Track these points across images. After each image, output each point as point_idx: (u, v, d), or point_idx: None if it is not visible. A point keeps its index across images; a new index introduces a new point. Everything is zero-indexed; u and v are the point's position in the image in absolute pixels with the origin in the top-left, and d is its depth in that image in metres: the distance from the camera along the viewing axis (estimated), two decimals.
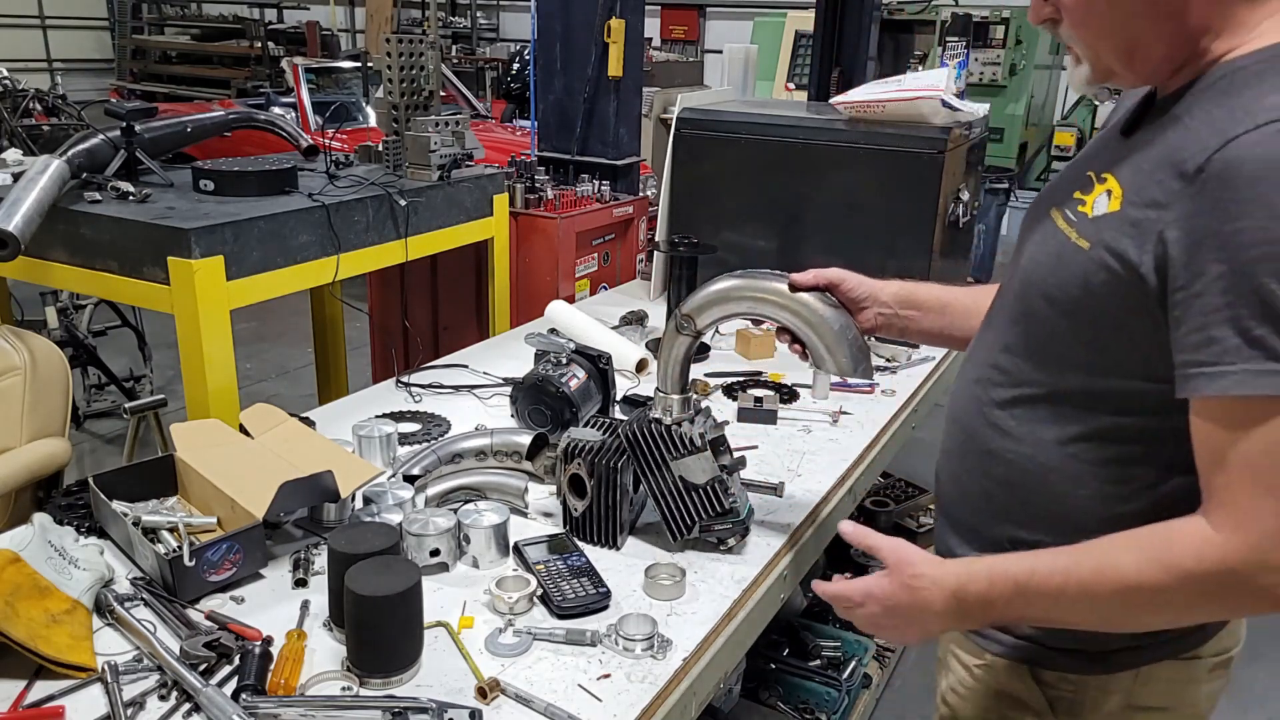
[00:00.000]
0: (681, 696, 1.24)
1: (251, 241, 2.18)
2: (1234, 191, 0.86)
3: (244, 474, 1.50)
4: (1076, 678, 1.13)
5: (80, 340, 4.21)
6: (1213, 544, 0.89)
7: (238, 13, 12.81)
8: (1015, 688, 1.17)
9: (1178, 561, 0.91)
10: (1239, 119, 0.88)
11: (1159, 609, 0.96)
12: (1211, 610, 0.95)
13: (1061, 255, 1.04)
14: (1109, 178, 1.01)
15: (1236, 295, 0.86)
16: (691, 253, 2.38)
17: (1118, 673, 1.12)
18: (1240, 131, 0.87)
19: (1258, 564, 0.87)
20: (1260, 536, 0.87)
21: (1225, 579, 0.89)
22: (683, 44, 12.30)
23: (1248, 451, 0.88)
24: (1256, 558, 0.87)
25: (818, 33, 4.62)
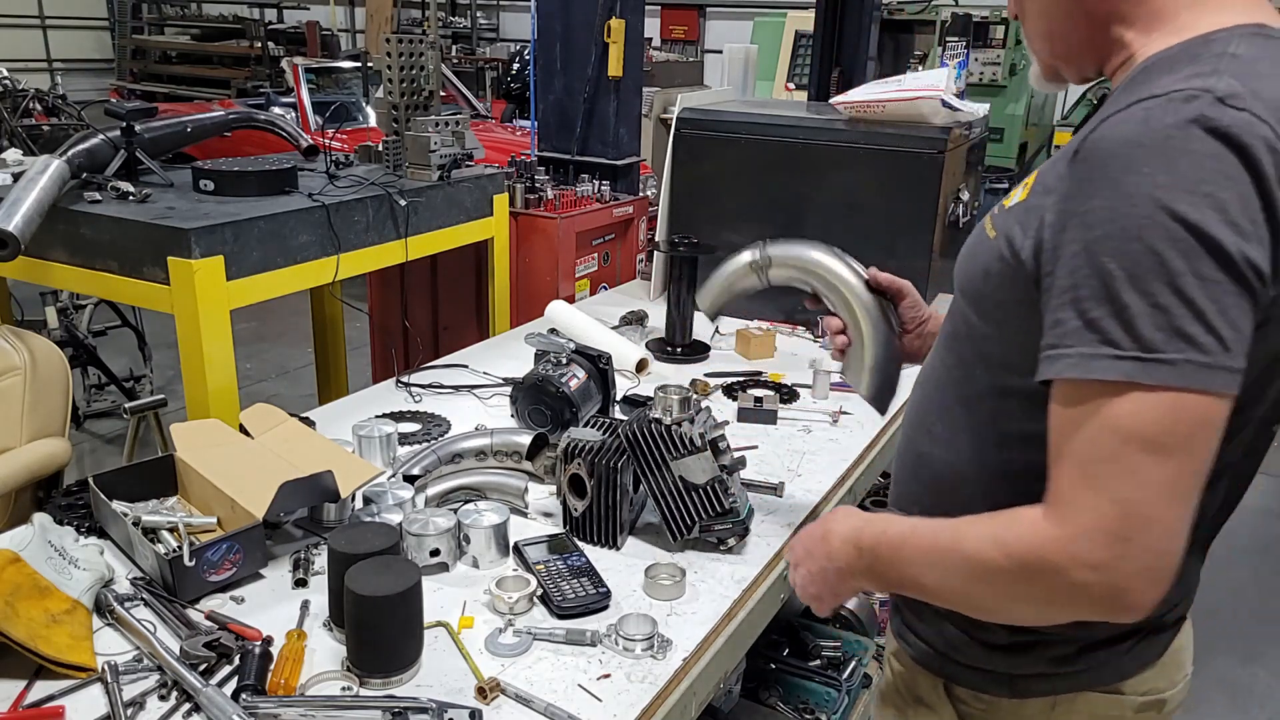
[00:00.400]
0: (681, 696, 1.24)
1: (251, 241, 2.18)
2: (1090, 171, 0.85)
3: (244, 474, 1.50)
4: (988, 698, 1.10)
5: (80, 340, 4.22)
6: (1038, 532, 0.86)
7: (238, 13, 12.81)
8: (930, 697, 1.16)
9: (1007, 543, 0.88)
10: (1120, 100, 0.87)
11: (990, 590, 0.92)
12: (1030, 599, 0.89)
13: (975, 248, 1.04)
14: (1032, 174, 1.00)
15: (1081, 277, 0.83)
16: (691, 253, 2.38)
17: (1028, 699, 1.08)
18: (1113, 112, 0.86)
19: (1070, 559, 0.83)
20: (1076, 531, 0.83)
21: (1041, 568, 0.85)
22: (683, 44, 12.29)
23: (1077, 439, 0.84)
24: (1071, 552, 0.83)
25: (818, 33, 4.63)
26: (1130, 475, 0.81)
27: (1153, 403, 0.80)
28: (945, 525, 0.96)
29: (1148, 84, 0.87)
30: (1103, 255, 0.82)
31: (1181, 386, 0.79)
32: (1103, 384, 0.82)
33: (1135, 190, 0.80)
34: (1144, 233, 0.80)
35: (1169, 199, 0.79)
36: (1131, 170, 0.81)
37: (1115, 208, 0.81)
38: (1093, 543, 0.82)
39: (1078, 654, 1.05)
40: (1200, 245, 0.78)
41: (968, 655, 1.10)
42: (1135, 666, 1.07)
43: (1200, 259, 0.78)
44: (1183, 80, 0.84)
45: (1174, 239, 0.79)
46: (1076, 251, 0.84)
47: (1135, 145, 0.82)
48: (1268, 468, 4.06)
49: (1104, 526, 0.82)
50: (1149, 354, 0.79)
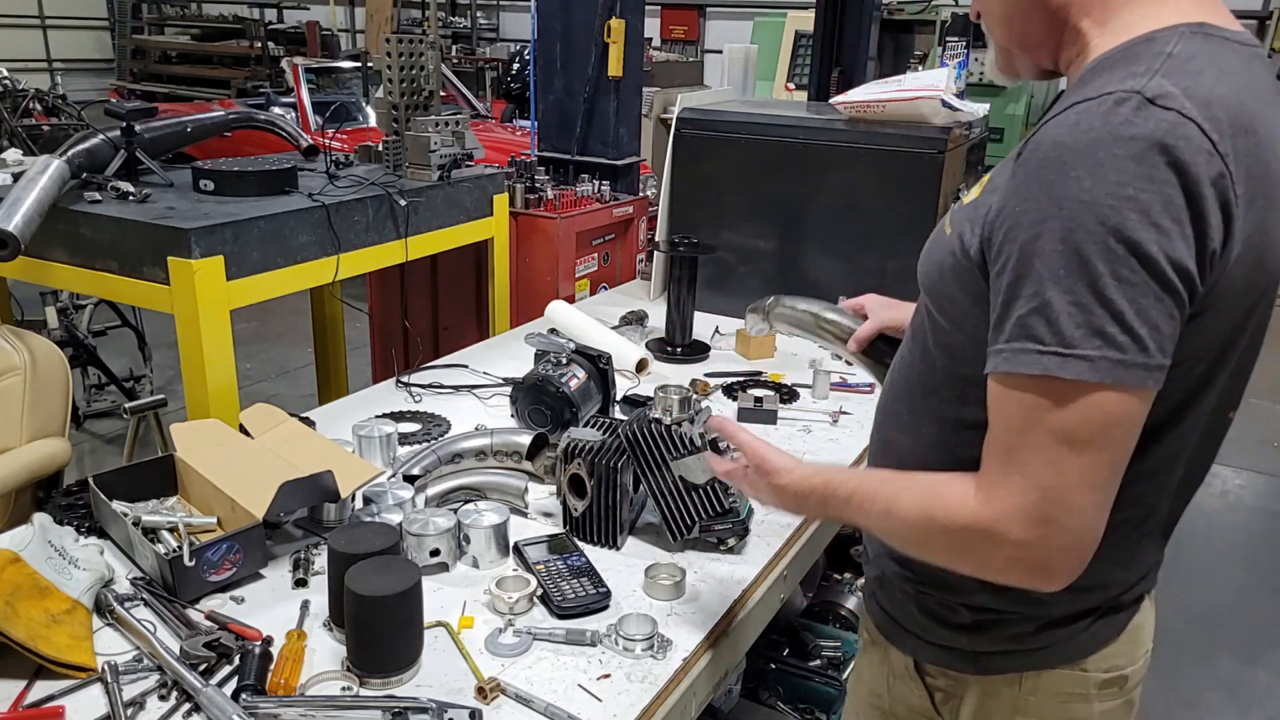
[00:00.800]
0: (681, 696, 1.24)
1: (251, 241, 2.18)
2: (1027, 173, 0.88)
3: (244, 474, 1.50)
4: (955, 674, 1.14)
5: (80, 340, 4.21)
6: (966, 506, 0.92)
7: (238, 13, 12.81)
8: (904, 675, 1.20)
9: (937, 511, 0.95)
10: (1061, 103, 0.90)
11: (927, 548, 1.00)
12: (963, 562, 0.96)
13: (934, 243, 1.08)
14: (988, 174, 1.04)
15: (1015, 276, 0.88)
16: (691, 253, 2.38)
17: (994, 675, 1.12)
18: (1053, 115, 0.89)
19: (996, 535, 0.89)
20: (1002, 510, 0.89)
21: (967, 541, 0.92)
22: (683, 44, 12.29)
23: (1003, 427, 0.90)
24: (997, 528, 0.89)
25: (818, 33, 4.62)
26: (1051, 464, 0.87)
27: (1071, 397, 0.85)
28: (881, 489, 1.03)
29: (1086, 86, 0.90)
30: (1033, 256, 0.85)
31: (1097, 382, 0.84)
32: (1028, 378, 0.86)
33: (1063, 194, 0.84)
34: (1068, 235, 0.83)
35: (1093, 203, 0.82)
36: (1062, 174, 0.84)
37: (1045, 210, 0.85)
38: (1015, 523, 0.88)
39: (1037, 631, 1.08)
40: (1122, 247, 0.82)
41: (934, 634, 1.14)
42: (1095, 644, 1.10)
43: (1120, 261, 0.82)
44: (1116, 81, 0.86)
45: (1096, 242, 0.82)
46: (1011, 252, 0.88)
47: (1065, 149, 0.85)
48: (1268, 468, 4.08)
49: (1026, 509, 0.88)
50: (1068, 350, 0.84)
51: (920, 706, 1.17)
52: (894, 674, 1.20)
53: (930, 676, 1.16)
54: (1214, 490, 4.27)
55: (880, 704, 1.23)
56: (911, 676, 1.17)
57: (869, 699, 1.26)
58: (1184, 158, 0.82)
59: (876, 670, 1.24)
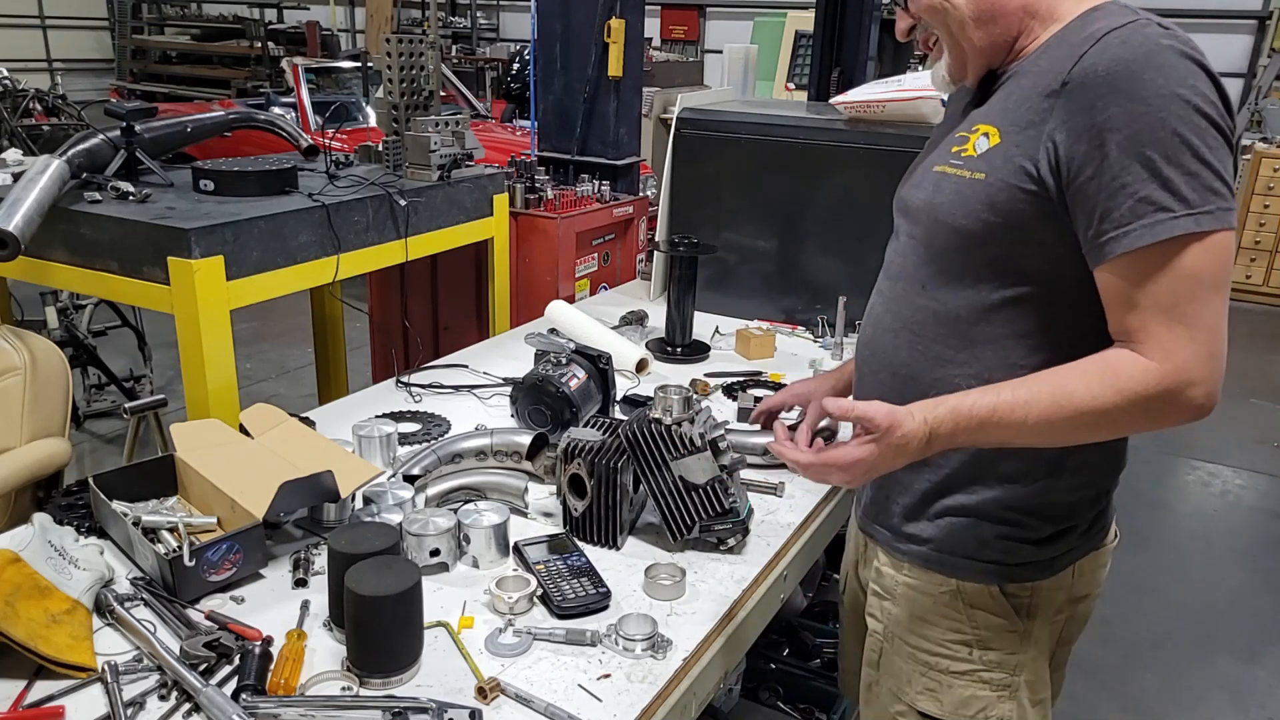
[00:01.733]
0: (681, 696, 1.24)
1: (251, 241, 2.18)
2: (1095, 89, 1.07)
3: (244, 474, 1.50)
4: (1033, 584, 1.31)
5: (80, 340, 4.21)
6: (1148, 370, 1.08)
7: (238, 13, 12.80)
8: (986, 603, 1.31)
9: (1126, 385, 1.08)
10: (1081, 43, 1.10)
11: (1109, 427, 1.14)
12: (1152, 422, 1.11)
13: (961, 190, 1.20)
14: (979, 126, 1.20)
15: (1121, 168, 1.05)
16: (691, 253, 2.38)
17: (1061, 572, 1.31)
18: (1086, 48, 1.09)
19: (1186, 381, 1.07)
20: (1181, 360, 1.07)
21: (1163, 396, 1.08)
22: (683, 44, 12.28)
23: (1154, 293, 1.07)
24: (1184, 376, 1.07)
25: (818, 33, 4.62)
26: (1206, 306, 1.06)
27: (1205, 247, 1.05)
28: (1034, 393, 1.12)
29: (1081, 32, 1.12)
30: (1137, 146, 1.04)
31: (1220, 228, 1.05)
32: (1165, 243, 1.04)
33: (1145, 93, 1.04)
34: (1164, 122, 1.03)
35: (1172, 94, 1.04)
36: (1135, 79, 1.05)
37: (1134, 110, 1.04)
38: (1199, 365, 1.07)
39: (1091, 524, 1.32)
40: (1204, 120, 1.04)
41: (1016, 555, 1.29)
42: (1109, 520, 1.37)
43: (1205, 132, 1.04)
44: (1119, 17, 1.10)
45: (1187, 121, 1.04)
46: (1109, 151, 1.05)
47: (1128, 62, 1.06)
48: (1268, 468, 4.08)
49: (1203, 350, 1.07)
50: (1196, 209, 1.04)
51: (1002, 622, 1.31)
52: (972, 605, 1.32)
53: (1011, 595, 1.31)
54: (1214, 490, 4.27)
55: (963, 637, 1.33)
56: (995, 598, 1.31)
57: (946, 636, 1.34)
58: (1205, 59, 1.06)
59: (949, 609, 1.33)
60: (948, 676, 1.34)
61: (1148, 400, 1.08)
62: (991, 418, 1.12)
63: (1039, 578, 1.31)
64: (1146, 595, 3.47)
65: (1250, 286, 7.26)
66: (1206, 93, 1.04)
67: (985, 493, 1.28)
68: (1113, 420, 1.11)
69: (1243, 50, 9.23)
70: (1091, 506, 1.31)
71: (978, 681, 1.33)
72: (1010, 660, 1.32)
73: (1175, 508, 4.15)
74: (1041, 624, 1.33)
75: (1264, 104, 7.88)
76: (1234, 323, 1.15)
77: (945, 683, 1.34)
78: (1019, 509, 1.28)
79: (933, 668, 1.35)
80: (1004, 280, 1.20)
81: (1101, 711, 2.88)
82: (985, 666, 1.32)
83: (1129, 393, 1.08)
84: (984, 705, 1.33)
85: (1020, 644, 1.32)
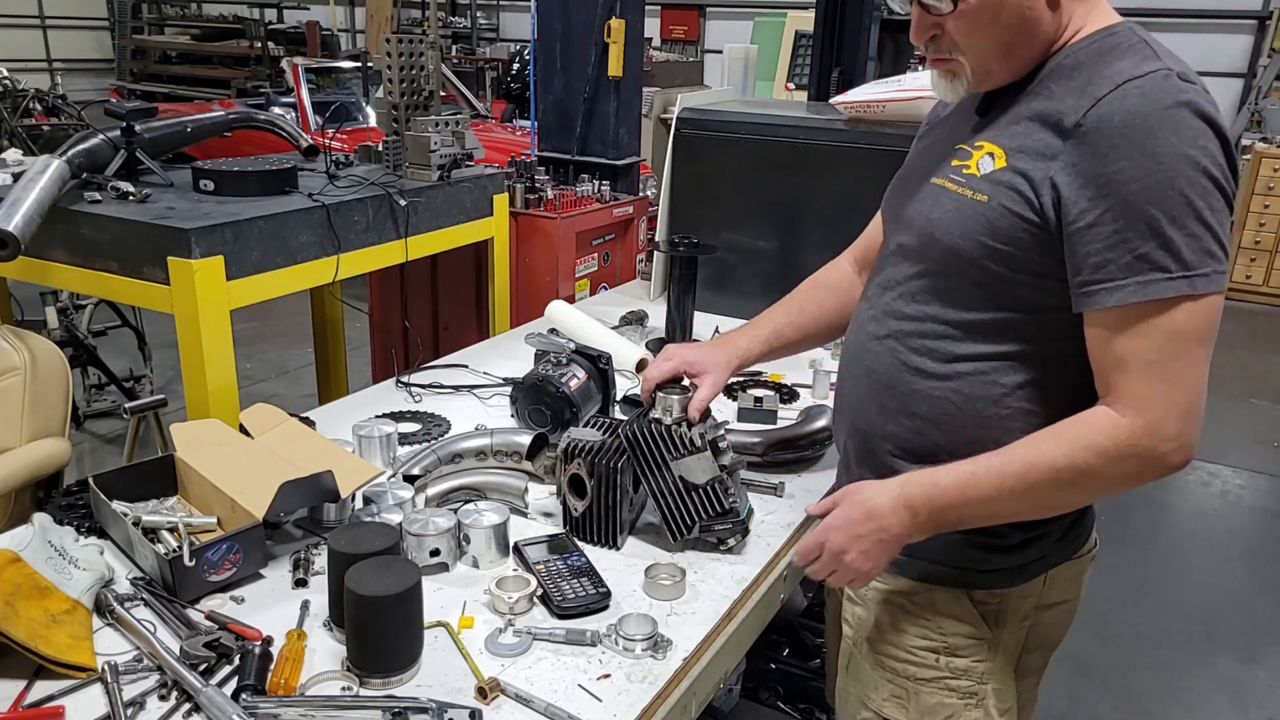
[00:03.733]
0: (681, 696, 1.24)
1: (251, 241, 2.18)
2: (1109, 139, 1.07)
3: (244, 474, 1.50)
4: (1001, 591, 1.31)
5: (80, 340, 4.21)
6: (1121, 426, 1.09)
7: (238, 13, 12.80)
8: (954, 610, 1.31)
9: (1097, 443, 1.10)
10: (1100, 84, 1.10)
11: (1084, 487, 1.14)
12: (1125, 479, 1.12)
13: (961, 210, 1.19)
14: (984, 144, 1.20)
15: (1124, 222, 1.06)
16: (691, 253, 2.38)
17: (1032, 580, 1.31)
18: (1105, 93, 1.09)
19: (1159, 437, 1.08)
20: (1155, 415, 1.08)
21: (1134, 452, 1.09)
22: (683, 44, 12.28)
23: (1140, 349, 1.08)
24: (1157, 431, 1.08)
25: (818, 33, 4.62)
26: (1190, 365, 1.08)
27: (1197, 308, 1.06)
28: (1006, 458, 1.15)
29: (1098, 69, 1.11)
30: (1143, 203, 1.05)
31: (1213, 291, 1.06)
32: (1159, 301, 1.06)
33: (1158, 150, 1.05)
34: (1173, 182, 1.04)
35: (1183, 155, 1.04)
36: (1150, 135, 1.05)
37: (1145, 166, 1.05)
38: (1173, 421, 1.08)
39: (1065, 532, 1.31)
40: (1210, 184, 1.05)
41: (986, 563, 1.29)
42: (1088, 530, 1.37)
43: (1211, 195, 1.05)
44: (1142, 63, 1.09)
45: (1194, 184, 1.04)
46: (1115, 203, 1.06)
47: (1145, 116, 1.06)
48: (1268, 468, 4.08)
49: (1180, 407, 1.08)
50: (1192, 272, 1.05)
51: (970, 629, 1.31)
52: (941, 611, 1.32)
53: (980, 602, 1.31)
54: (1214, 490, 4.27)
55: (930, 644, 1.33)
56: (962, 605, 1.31)
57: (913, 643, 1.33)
58: (1219, 116, 1.07)
59: (918, 616, 1.33)
60: (914, 684, 1.34)
61: (1120, 457, 1.09)
62: (969, 482, 1.16)
63: (1008, 585, 1.31)
64: (1146, 595, 3.47)
65: (1250, 286, 7.25)
66: (1215, 154, 1.05)
67: None
68: (1087, 479, 1.12)
69: (1243, 50, 9.23)
70: (1065, 514, 1.29)
71: (945, 689, 1.32)
72: (977, 668, 1.32)
73: (1175, 508, 4.14)
74: (1009, 631, 1.33)
75: (1264, 104, 7.88)
76: (1234, 323, 1.17)
77: (912, 690, 1.34)
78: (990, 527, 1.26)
79: (900, 674, 1.35)
80: (995, 303, 1.20)
81: (1101, 711, 2.88)
82: (952, 674, 1.32)
83: (1100, 449, 1.10)
84: (951, 713, 1.32)
85: (988, 652, 1.32)
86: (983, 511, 1.18)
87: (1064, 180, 1.10)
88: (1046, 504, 1.19)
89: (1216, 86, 9.11)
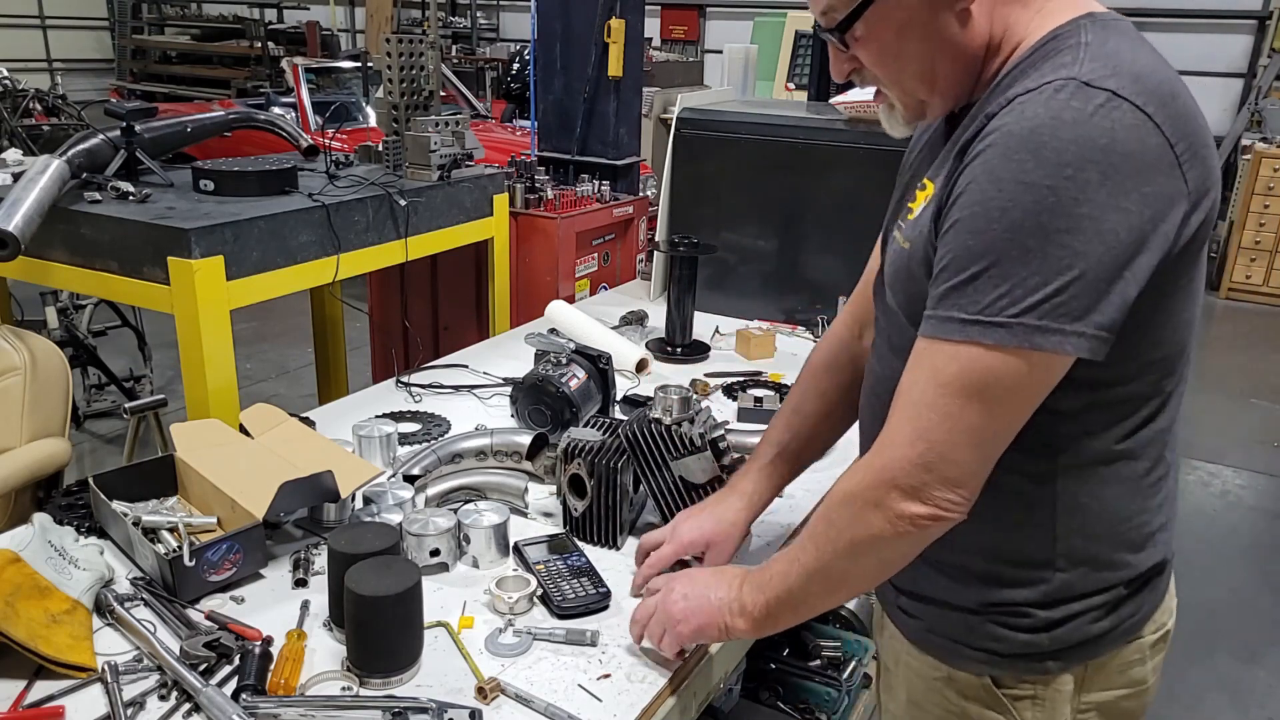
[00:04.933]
0: (681, 696, 1.24)
1: (251, 241, 2.18)
2: (973, 163, 0.93)
3: (244, 474, 1.50)
4: (1033, 679, 1.13)
5: (80, 340, 4.21)
6: (860, 468, 1.00)
7: (238, 13, 12.81)
8: (980, 696, 1.16)
9: (845, 489, 1.02)
10: (1000, 103, 0.95)
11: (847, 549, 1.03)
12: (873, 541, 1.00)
13: (895, 263, 1.10)
14: (927, 182, 1.07)
15: (948, 250, 0.94)
16: (691, 253, 2.38)
17: (1070, 669, 1.12)
18: (995, 111, 0.94)
19: (889, 483, 0.97)
20: (891, 457, 0.97)
21: (871, 499, 0.99)
22: (683, 44, 12.28)
23: (907, 385, 0.98)
24: (888, 476, 0.97)
25: (818, 33, 4.62)
26: (947, 418, 0.94)
27: (981, 359, 0.92)
28: (799, 547, 1.08)
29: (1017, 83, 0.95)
30: (965, 232, 0.92)
31: (1014, 346, 0.90)
32: (947, 342, 0.94)
33: (1004, 175, 0.89)
34: (1004, 214, 0.89)
35: (1032, 184, 0.87)
36: (1005, 158, 0.90)
37: (985, 192, 0.91)
38: (908, 469, 0.96)
39: (1109, 610, 1.10)
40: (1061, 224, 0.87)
41: (1009, 644, 1.12)
42: (1149, 610, 1.14)
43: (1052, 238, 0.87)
44: (1047, 73, 0.92)
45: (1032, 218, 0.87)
46: (949, 230, 0.95)
47: (1010, 135, 0.90)
48: (1268, 468, 4.07)
49: (915, 459, 0.95)
50: (990, 319, 0.90)
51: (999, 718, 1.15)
52: (965, 696, 1.16)
53: (1007, 689, 1.13)
54: (1214, 490, 4.27)
55: None
56: (988, 691, 1.14)
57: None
58: (1119, 135, 0.87)
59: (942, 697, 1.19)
60: None
61: (860, 505, 1.00)
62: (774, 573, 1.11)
63: (1037, 673, 1.13)
64: None
65: (1250, 286, 7.26)
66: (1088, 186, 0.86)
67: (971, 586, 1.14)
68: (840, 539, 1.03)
69: (1243, 50, 9.24)
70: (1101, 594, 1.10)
71: None
72: None
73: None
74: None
75: (1264, 104, 7.89)
76: (1234, 322, 1.13)
77: None
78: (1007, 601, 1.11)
79: None
80: None
81: None
82: None
83: (847, 495, 1.01)
84: None
85: None
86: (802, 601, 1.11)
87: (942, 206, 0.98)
88: (840, 579, 1.07)
89: (1216, 86, 9.13)
